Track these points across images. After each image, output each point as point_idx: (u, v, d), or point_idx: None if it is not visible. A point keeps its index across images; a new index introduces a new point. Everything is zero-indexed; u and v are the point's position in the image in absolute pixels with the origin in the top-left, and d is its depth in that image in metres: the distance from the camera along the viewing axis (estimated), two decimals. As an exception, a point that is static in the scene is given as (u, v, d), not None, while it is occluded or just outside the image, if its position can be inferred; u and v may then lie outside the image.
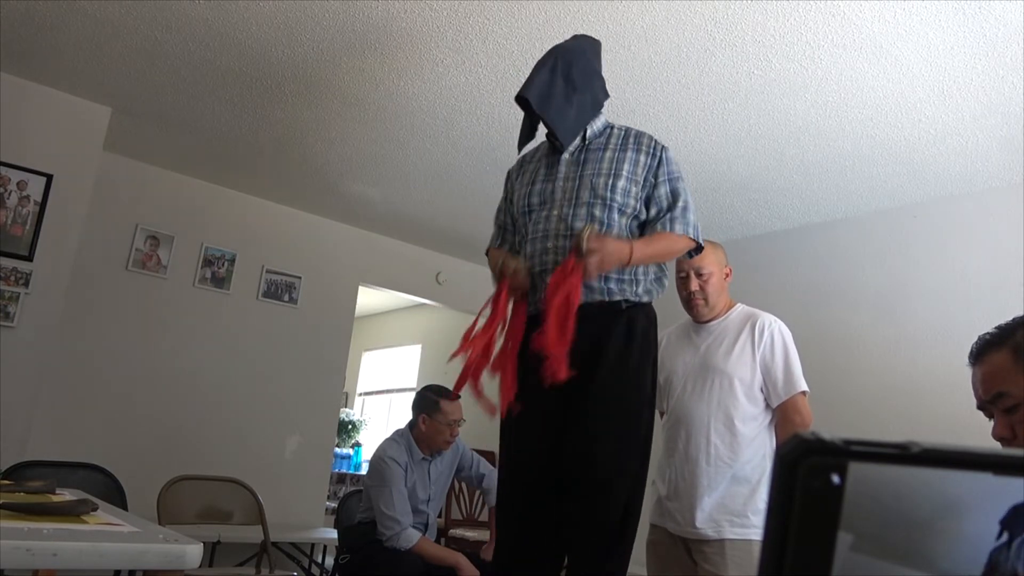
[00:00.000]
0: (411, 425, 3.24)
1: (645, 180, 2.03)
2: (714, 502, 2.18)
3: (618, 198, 1.99)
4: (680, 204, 2.02)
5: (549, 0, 2.54)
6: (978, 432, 1.14)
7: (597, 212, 1.99)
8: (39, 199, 3.49)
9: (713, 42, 2.68)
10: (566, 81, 2.03)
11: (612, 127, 2.15)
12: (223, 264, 4.64)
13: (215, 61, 3.16)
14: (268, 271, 4.80)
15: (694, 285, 2.34)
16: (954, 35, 2.49)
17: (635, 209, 2.02)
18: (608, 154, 2.06)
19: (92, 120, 3.68)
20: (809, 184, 3.79)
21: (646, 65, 2.87)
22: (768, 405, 2.27)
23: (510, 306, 2.07)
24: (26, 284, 3.42)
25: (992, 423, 1.16)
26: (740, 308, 2.40)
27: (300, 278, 4.92)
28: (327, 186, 4.49)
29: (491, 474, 3.40)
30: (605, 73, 2.25)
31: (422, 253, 5.53)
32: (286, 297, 4.86)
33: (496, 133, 3.55)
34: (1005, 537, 0.31)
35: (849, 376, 3.83)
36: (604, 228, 1.97)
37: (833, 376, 3.83)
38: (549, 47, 2.24)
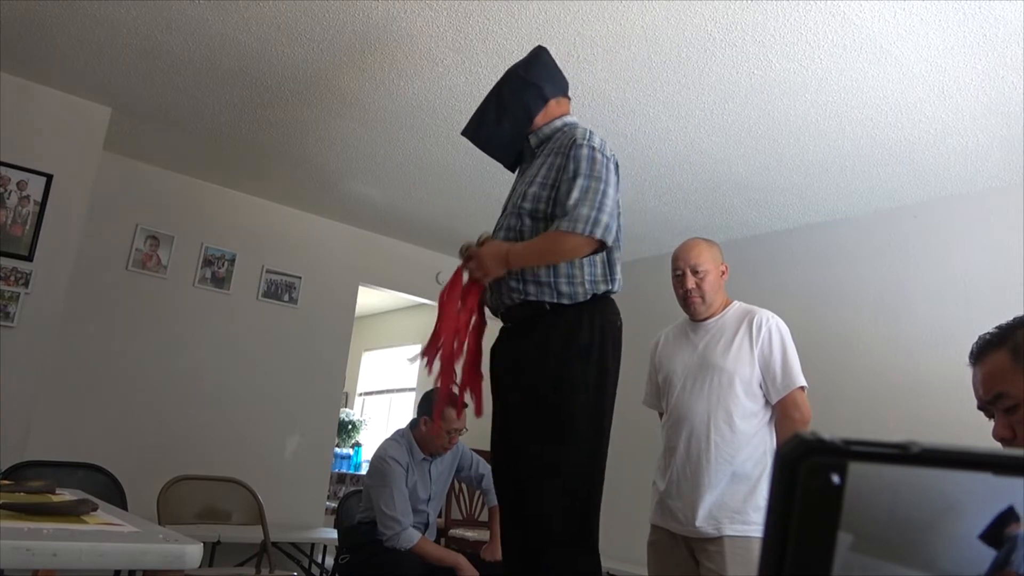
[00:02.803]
0: (412, 425, 3.24)
1: (555, 181, 1.99)
2: (714, 500, 2.18)
3: (527, 204, 2.01)
4: (572, 201, 1.89)
5: (549, 0, 2.54)
6: (978, 432, 1.14)
7: (512, 221, 2.05)
8: (39, 199, 3.49)
9: (713, 42, 2.68)
10: (498, 102, 2.13)
11: (562, 128, 2.11)
12: (223, 264, 4.64)
13: (215, 61, 3.16)
14: (268, 271, 4.80)
15: (690, 283, 2.34)
16: (954, 35, 2.49)
17: (545, 213, 1.99)
18: (538, 160, 2.09)
19: (92, 120, 3.68)
20: (809, 184, 3.79)
21: (646, 65, 2.87)
22: (767, 402, 2.26)
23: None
24: (26, 284, 3.42)
25: (992, 423, 1.16)
26: (737, 305, 2.40)
27: (300, 278, 4.92)
28: (327, 186, 4.49)
29: (490, 474, 3.41)
30: (605, 73, 2.25)
31: (422, 253, 5.53)
32: (286, 297, 4.86)
33: (496, 133, 3.54)
34: (1004, 548, 0.31)
35: (849, 376, 3.82)
36: (516, 235, 2.02)
37: (833, 376, 3.83)
38: (549, 47, 2.27)
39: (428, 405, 3.19)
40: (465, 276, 2.10)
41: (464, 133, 2.21)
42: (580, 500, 1.89)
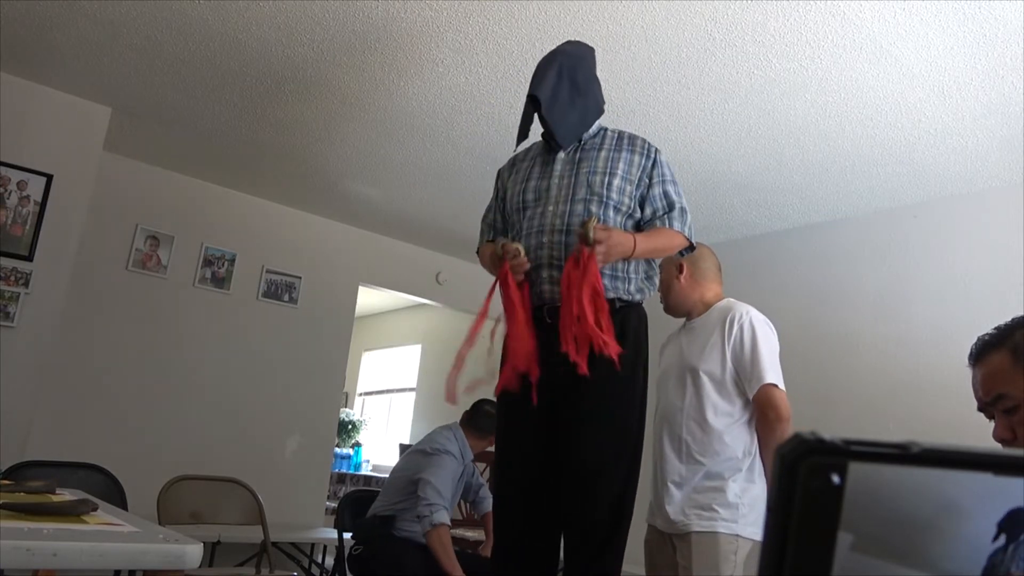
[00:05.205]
0: (466, 424, 3.31)
1: (639, 180, 2.08)
2: (684, 496, 2.18)
3: (614, 195, 2.04)
4: (677, 204, 2.09)
5: (549, 0, 2.54)
6: (978, 432, 1.14)
7: (593, 208, 2.03)
8: (39, 199, 3.49)
9: (713, 42, 2.68)
10: (572, 85, 2.08)
11: (606, 130, 2.20)
12: (223, 264, 4.64)
13: (215, 61, 3.16)
14: (268, 271, 4.80)
15: None
16: (954, 35, 2.49)
17: (629, 207, 2.06)
18: (603, 153, 2.10)
19: (92, 120, 3.68)
20: (809, 184, 3.79)
21: (646, 65, 2.87)
22: (747, 401, 2.22)
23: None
24: (26, 284, 3.42)
25: (993, 424, 1.15)
26: (722, 303, 2.35)
27: (300, 278, 4.92)
28: (327, 186, 4.49)
29: (486, 486, 3.53)
30: (605, 73, 2.28)
31: (422, 253, 5.53)
32: (286, 297, 4.86)
33: (496, 133, 3.55)
34: (1003, 540, 0.31)
35: (849, 376, 3.82)
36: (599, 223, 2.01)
37: (833, 376, 3.84)
38: (549, 47, 2.25)
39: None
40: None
41: (535, 97, 2.02)
42: (626, 493, 1.95)
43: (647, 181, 2.08)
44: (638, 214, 2.09)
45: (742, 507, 2.11)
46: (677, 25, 2.60)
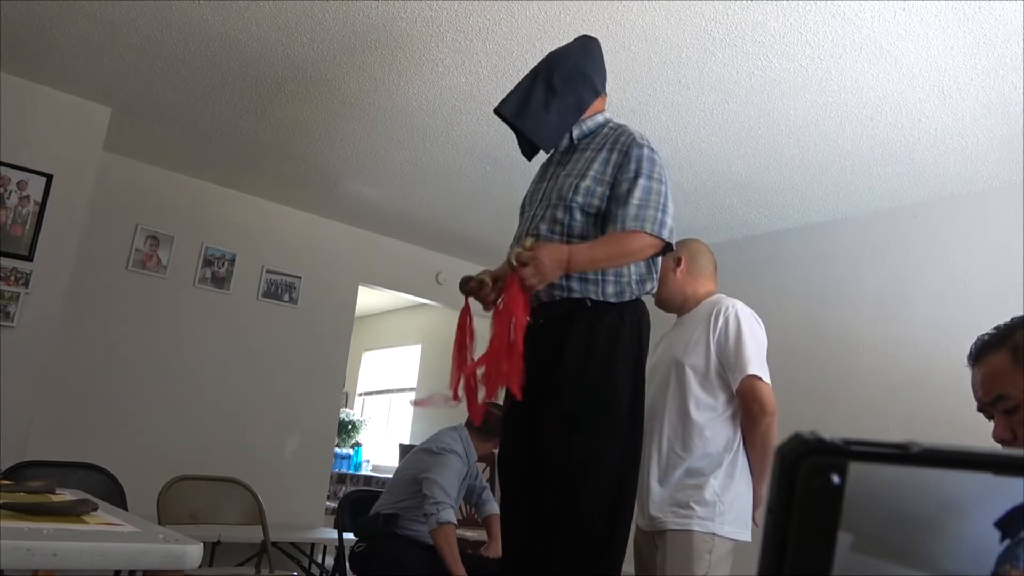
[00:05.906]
0: (471, 428, 3.30)
1: (613, 179, 1.97)
2: (665, 494, 2.15)
3: (579, 199, 1.96)
4: (636, 200, 1.89)
5: (549, 0, 2.54)
6: (978, 432, 1.14)
7: (559, 214, 1.98)
8: (39, 199, 3.49)
9: (713, 42, 2.68)
10: (547, 87, 2.03)
11: (607, 125, 2.11)
12: (223, 264, 4.64)
13: (215, 61, 3.16)
14: (268, 271, 4.80)
15: None
16: (954, 35, 2.49)
17: (599, 208, 1.97)
18: (587, 154, 2.04)
19: (92, 120, 3.68)
20: (809, 184, 3.79)
21: (646, 65, 2.87)
22: (732, 395, 2.20)
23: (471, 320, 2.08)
24: (26, 284, 3.42)
25: (992, 424, 1.15)
26: (711, 299, 2.33)
27: (300, 278, 4.92)
28: (327, 186, 4.49)
29: (488, 488, 3.53)
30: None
31: (422, 253, 5.53)
32: (286, 297, 4.86)
33: (496, 133, 3.54)
34: (1007, 542, 0.31)
35: (849, 376, 3.82)
36: (564, 230, 1.96)
37: (833, 376, 3.84)
38: (549, 47, 2.27)
39: None
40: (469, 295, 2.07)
41: (501, 112, 2.04)
42: (619, 492, 1.90)
43: (618, 179, 1.95)
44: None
45: (720, 505, 2.08)
46: (677, 25, 2.60)
